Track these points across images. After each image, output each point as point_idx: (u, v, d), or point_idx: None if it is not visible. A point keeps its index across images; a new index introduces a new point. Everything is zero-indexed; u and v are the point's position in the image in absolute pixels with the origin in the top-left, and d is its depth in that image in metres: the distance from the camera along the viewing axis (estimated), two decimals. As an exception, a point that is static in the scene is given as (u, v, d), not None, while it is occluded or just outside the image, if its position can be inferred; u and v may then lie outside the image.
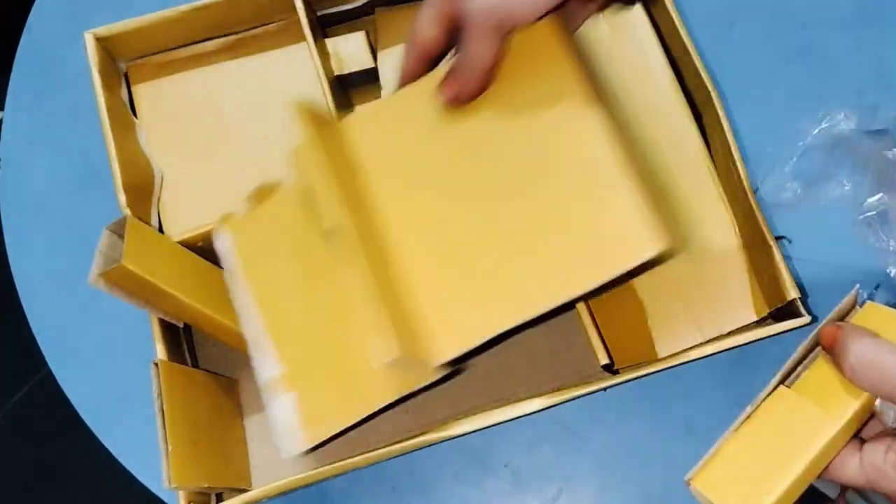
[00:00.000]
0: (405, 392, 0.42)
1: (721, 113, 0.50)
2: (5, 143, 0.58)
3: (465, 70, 0.40)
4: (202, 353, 0.52)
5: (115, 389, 0.53)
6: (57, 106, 0.58)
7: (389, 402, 0.43)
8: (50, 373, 0.53)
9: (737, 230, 0.51)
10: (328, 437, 0.44)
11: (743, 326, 0.49)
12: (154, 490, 0.50)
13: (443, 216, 0.41)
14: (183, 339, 0.51)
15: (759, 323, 0.49)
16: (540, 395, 0.44)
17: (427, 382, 0.42)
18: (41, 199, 0.57)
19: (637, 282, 0.51)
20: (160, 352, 0.47)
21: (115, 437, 0.52)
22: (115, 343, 0.53)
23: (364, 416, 0.43)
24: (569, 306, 0.43)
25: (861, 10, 0.57)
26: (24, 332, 0.53)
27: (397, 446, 0.44)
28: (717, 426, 0.50)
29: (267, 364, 0.45)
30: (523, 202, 0.39)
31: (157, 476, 0.50)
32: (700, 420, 0.50)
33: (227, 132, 0.55)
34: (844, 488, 0.39)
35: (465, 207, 0.40)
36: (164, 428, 0.43)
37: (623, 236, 0.37)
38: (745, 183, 0.49)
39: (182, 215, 0.53)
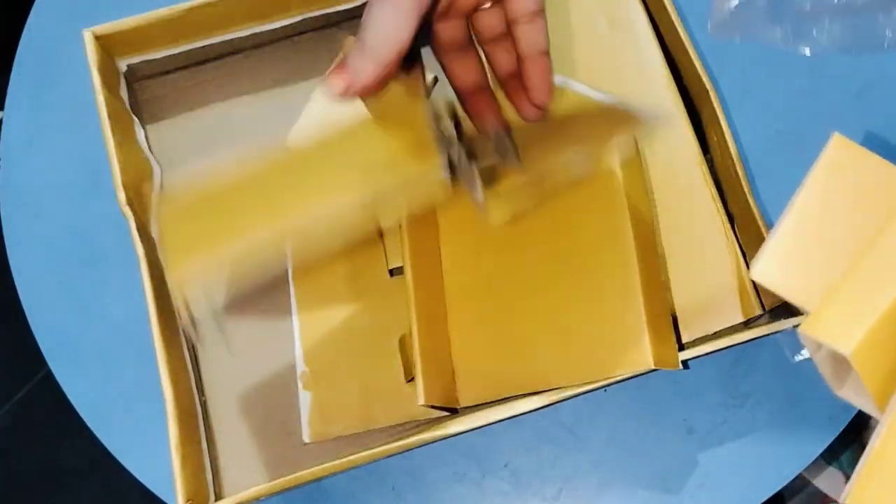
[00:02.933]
0: (407, 420, 0.48)
1: (719, 111, 0.50)
2: (5, 143, 0.58)
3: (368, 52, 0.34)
4: (204, 355, 0.52)
5: (115, 389, 0.53)
6: (57, 106, 0.58)
7: (390, 424, 0.48)
8: (50, 373, 0.53)
9: (727, 231, 0.50)
10: (328, 438, 0.49)
11: (732, 327, 0.49)
12: (154, 490, 0.50)
13: (488, 286, 0.48)
14: (183, 340, 0.51)
15: (756, 322, 0.49)
16: (540, 393, 0.45)
17: (430, 417, 0.47)
18: (41, 199, 0.57)
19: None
20: (160, 352, 0.47)
21: (115, 437, 0.52)
22: (115, 343, 0.53)
23: (363, 430, 0.49)
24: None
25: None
26: (24, 332, 0.53)
27: (396, 444, 0.44)
28: (717, 426, 0.50)
29: (297, 360, 0.51)
30: (556, 293, 0.46)
31: (158, 476, 0.50)
32: (700, 420, 0.50)
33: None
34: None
35: (507, 283, 0.48)
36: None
37: (626, 349, 0.43)
38: (744, 182, 0.49)
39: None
